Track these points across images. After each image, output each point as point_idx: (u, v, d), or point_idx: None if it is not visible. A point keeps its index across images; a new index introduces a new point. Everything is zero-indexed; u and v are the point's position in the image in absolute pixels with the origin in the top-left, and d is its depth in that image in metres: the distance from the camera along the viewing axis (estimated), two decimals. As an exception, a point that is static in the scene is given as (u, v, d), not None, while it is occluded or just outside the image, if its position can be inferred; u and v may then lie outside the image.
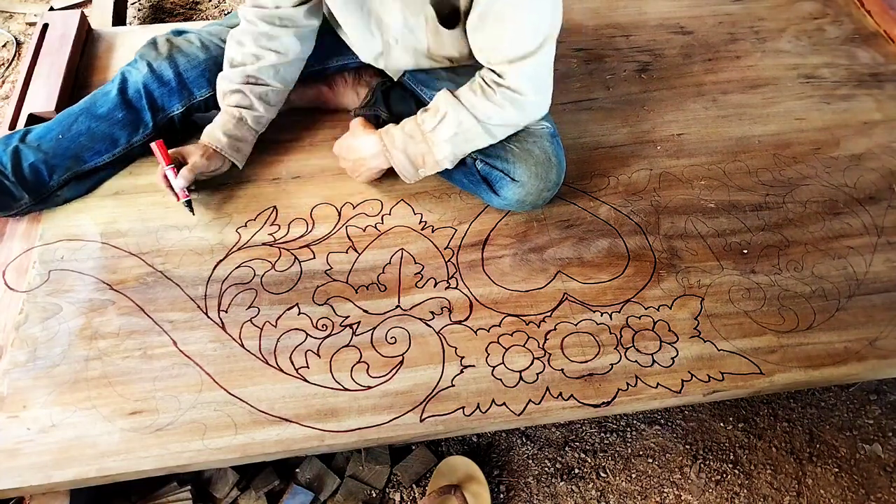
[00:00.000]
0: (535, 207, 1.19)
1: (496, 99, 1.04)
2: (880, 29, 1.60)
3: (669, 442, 1.26)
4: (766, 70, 1.50)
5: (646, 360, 1.04)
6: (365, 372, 1.02)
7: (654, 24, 1.60)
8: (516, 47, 1.00)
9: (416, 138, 1.09)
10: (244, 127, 1.17)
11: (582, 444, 1.25)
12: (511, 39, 1.00)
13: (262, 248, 1.16)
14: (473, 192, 1.21)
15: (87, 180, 1.19)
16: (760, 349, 1.06)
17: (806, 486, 1.22)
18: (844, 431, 1.28)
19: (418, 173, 1.14)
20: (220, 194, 1.23)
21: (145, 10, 2.05)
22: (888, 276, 1.16)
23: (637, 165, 1.30)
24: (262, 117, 1.18)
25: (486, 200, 1.20)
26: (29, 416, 0.96)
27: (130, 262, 1.13)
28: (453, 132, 1.06)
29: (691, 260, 1.16)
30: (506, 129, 1.10)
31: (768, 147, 1.35)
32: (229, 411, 0.98)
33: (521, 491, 1.19)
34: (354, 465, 1.18)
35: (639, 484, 1.21)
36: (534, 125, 1.14)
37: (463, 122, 1.05)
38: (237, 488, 1.15)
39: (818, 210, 1.24)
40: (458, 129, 1.06)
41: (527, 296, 1.12)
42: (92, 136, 1.16)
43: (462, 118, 1.05)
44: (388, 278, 1.13)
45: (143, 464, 0.93)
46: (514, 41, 1.00)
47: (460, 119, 1.05)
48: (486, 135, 1.08)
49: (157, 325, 1.06)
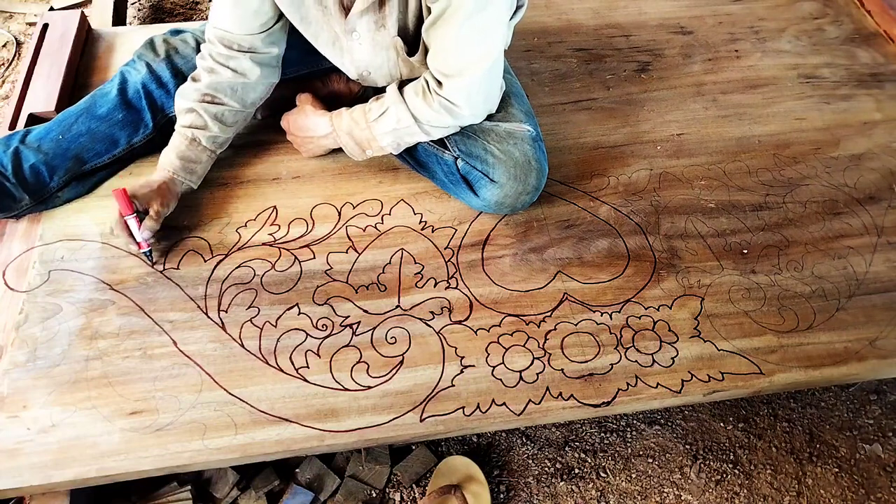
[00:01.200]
0: (513, 211, 1.19)
1: (433, 105, 1.06)
2: (880, 29, 1.60)
3: (669, 442, 1.26)
4: (766, 70, 1.50)
5: (646, 360, 1.04)
6: (365, 372, 1.02)
7: (654, 24, 1.60)
8: (454, 64, 1.02)
9: (360, 125, 1.13)
10: (198, 148, 1.13)
11: (582, 444, 1.25)
12: (452, 55, 1.01)
13: (262, 248, 1.16)
14: (454, 193, 1.22)
15: (87, 180, 1.19)
16: (760, 349, 1.06)
17: (806, 486, 1.22)
18: (844, 431, 1.28)
19: (365, 154, 1.18)
20: (220, 194, 1.23)
21: (145, 10, 2.05)
22: (888, 276, 1.16)
23: (637, 165, 1.30)
24: (217, 137, 1.15)
25: (465, 201, 1.20)
26: (29, 416, 0.96)
27: (130, 262, 1.13)
28: (392, 127, 1.11)
29: (691, 260, 1.16)
30: (442, 131, 1.13)
31: (768, 147, 1.35)
32: (229, 411, 0.98)
33: (521, 491, 1.19)
34: (354, 465, 1.18)
35: (639, 484, 1.21)
36: (515, 128, 1.15)
37: (402, 120, 1.09)
38: (237, 488, 1.15)
39: (818, 210, 1.24)
40: (397, 126, 1.10)
41: (527, 296, 1.12)
42: (92, 136, 1.16)
43: (401, 115, 1.09)
44: (388, 278, 1.13)
45: (143, 464, 0.93)
46: (455, 57, 1.01)
47: (399, 116, 1.09)
48: (423, 133, 1.12)
49: (157, 325, 1.06)
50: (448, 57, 1.01)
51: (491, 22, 0.99)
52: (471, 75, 1.02)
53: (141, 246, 1.09)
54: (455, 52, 1.00)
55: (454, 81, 1.03)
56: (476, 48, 1.00)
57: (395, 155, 1.21)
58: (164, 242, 1.15)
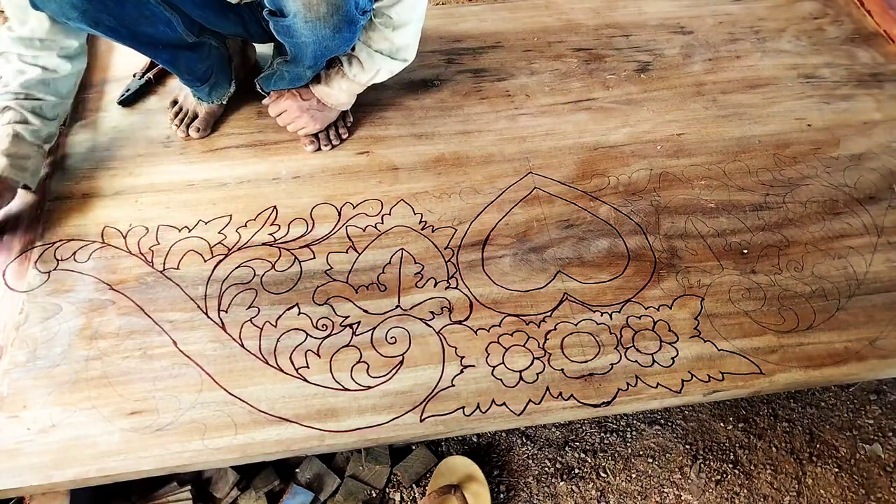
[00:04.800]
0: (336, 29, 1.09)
1: (387, 32, 1.16)
2: (880, 29, 1.60)
3: (669, 442, 1.26)
4: (766, 70, 1.50)
5: (646, 360, 1.04)
6: (365, 372, 1.02)
7: (654, 24, 1.60)
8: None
9: (357, 86, 1.25)
10: (23, 143, 1.13)
11: (582, 444, 1.25)
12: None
13: (262, 248, 1.16)
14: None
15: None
16: (760, 349, 1.06)
17: (806, 486, 1.22)
18: (844, 431, 1.28)
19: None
20: (220, 194, 1.23)
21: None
22: (888, 276, 1.16)
23: (637, 165, 1.30)
24: (40, 130, 1.15)
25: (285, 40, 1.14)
26: (29, 416, 0.96)
27: (130, 262, 1.13)
28: (388, 71, 1.23)
29: (691, 260, 1.16)
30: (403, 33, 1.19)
31: (768, 147, 1.35)
32: (229, 411, 0.98)
33: (521, 491, 1.19)
34: (354, 465, 1.18)
35: (639, 484, 1.21)
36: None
37: (393, 68, 1.23)
38: (237, 488, 1.15)
39: (818, 210, 1.24)
40: (391, 67, 1.22)
41: (527, 296, 1.12)
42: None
43: (393, 68, 1.22)
44: (388, 278, 1.13)
45: (143, 464, 0.93)
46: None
47: (391, 69, 1.22)
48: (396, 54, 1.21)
49: (157, 325, 1.06)
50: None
51: None
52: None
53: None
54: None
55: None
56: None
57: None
58: (150, 241, 1.16)
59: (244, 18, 1.20)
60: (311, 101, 1.26)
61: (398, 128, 1.36)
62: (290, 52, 1.15)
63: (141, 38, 1.13)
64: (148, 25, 1.11)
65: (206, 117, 1.32)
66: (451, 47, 1.54)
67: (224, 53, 1.30)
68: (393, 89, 1.42)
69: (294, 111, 1.27)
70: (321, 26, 1.05)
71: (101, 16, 1.05)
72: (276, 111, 1.29)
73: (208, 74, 1.26)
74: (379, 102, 1.40)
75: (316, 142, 1.31)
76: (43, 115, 1.15)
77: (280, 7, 1.04)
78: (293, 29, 1.07)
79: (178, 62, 1.21)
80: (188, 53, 1.21)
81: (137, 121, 1.36)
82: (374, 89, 1.31)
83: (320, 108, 1.27)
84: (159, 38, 1.14)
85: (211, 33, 1.25)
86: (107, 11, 1.05)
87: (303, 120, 1.27)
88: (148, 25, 1.11)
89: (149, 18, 1.10)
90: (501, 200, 1.24)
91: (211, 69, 1.26)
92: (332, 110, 1.29)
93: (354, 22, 1.07)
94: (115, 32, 1.09)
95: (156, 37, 1.13)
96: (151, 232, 1.17)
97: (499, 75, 1.48)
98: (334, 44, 1.10)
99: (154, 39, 1.14)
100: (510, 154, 1.32)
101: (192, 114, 1.32)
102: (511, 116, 1.39)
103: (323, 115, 1.28)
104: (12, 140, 1.11)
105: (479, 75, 1.48)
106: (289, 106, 1.27)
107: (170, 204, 1.21)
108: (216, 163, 1.29)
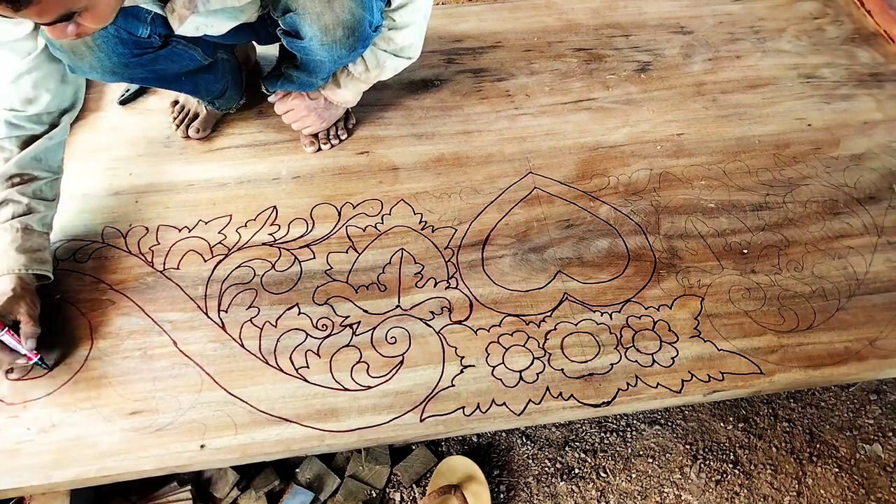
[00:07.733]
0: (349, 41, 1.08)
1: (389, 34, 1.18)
2: (880, 29, 1.60)
3: (669, 442, 1.26)
4: (766, 70, 1.50)
5: (646, 360, 1.04)
6: (365, 372, 1.02)
7: (654, 24, 1.60)
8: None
9: (363, 84, 1.26)
10: (33, 235, 1.02)
11: (582, 444, 1.25)
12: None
13: (262, 248, 1.16)
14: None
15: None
16: (760, 349, 1.06)
17: (806, 486, 1.22)
18: (844, 431, 1.28)
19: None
20: (220, 194, 1.23)
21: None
22: (888, 276, 1.16)
23: (637, 165, 1.30)
24: (45, 216, 1.05)
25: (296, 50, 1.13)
26: (29, 416, 0.96)
27: (130, 262, 1.13)
28: (393, 68, 1.24)
29: (691, 260, 1.16)
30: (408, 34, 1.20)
31: (768, 147, 1.35)
32: (229, 411, 0.98)
33: (521, 491, 1.19)
34: (354, 465, 1.19)
35: (639, 484, 1.21)
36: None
37: (397, 66, 1.24)
38: (237, 488, 1.15)
39: (818, 210, 1.24)
40: (396, 65, 1.23)
41: (527, 296, 1.11)
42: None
43: (398, 65, 1.23)
44: (388, 278, 1.13)
45: (143, 464, 0.93)
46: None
47: (396, 66, 1.23)
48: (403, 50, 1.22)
49: (157, 325, 1.06)
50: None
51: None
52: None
53: (30, 357, 0.97)
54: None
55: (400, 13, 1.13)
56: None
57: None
58: (150, 241, 1.15)
59: (255, 28, 1.20)
60: (319, 101, 1.27)
61: (398, 128, 1.37)
62: (303, 64, 1.16)
63: (168, 78, 1.19)
64: (174, 65, 1.15)
65: (206, 118, 1.32)
66: (452, 47, 1.54)
67: (235, 64, 1.32)
68: (393, 89, 1.42)
69: (301, 110, 1.27)
70: (338, 48, 1.07)
71: (136, 72, 1.10)
72: (282, 109, 1.28)
73: (224, 90, 1.29)
74: (379, 102, 1.41)
75: (316, 142, 1.31)
76: (44, 197, 1.06)
77: (296, 29, 1.05)
78: (309, 49, 1.09)
79: (199, 87, 1.24)
80: (206, 76, 1.23)
81: (137, 121, 1.36)
82: (374, 89, 1.31)
83: (327, 107, 1.28)
84: (182, 72, 1.18)
85: (224, 48, 1.27)
86: (142, 67, 1.09)
87: (310, 119, 1.27)
88: (174, 65, 1.15)
89: (174, 60, 1.14)
90: (501, 200, 1.24)
91: (227, 85, 1.29)
92: (338, 108, 1.30)
93: (368, 38, 1.10)
94: (146, 81, 1.16)
95: (179, 72, 1.18)
96: (151, 232, 1.17)
97: (499, 75, 1.48)
98: (349, 59, 1.14)
99: (178, 75, 1.18)
100: (510, 154, 1.32)
101: (193, 114, 1.32)
102: (511, 116, 1.39)
103: (329, 113, 1.29)
104: (24, 236, 1.01)
105: (480, 75, 1.48)
106: (296, 105, 1.27)
107: (169, 204, 1.21)
108: (216, 163, 1.29)
